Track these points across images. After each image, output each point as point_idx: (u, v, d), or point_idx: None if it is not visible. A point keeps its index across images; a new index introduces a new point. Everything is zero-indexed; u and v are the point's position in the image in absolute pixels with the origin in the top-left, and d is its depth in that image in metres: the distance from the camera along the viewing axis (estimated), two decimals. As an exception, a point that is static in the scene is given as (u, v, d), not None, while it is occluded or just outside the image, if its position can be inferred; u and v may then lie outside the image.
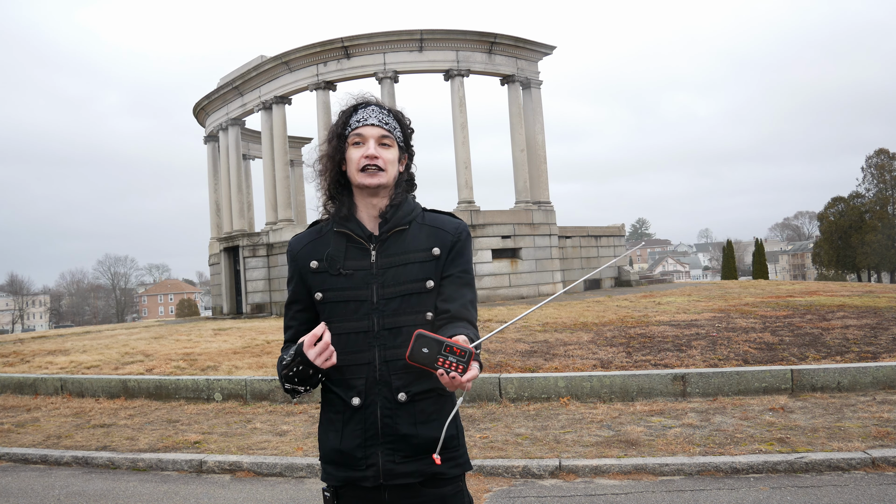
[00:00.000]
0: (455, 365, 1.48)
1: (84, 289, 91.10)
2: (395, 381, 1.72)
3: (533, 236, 19.03)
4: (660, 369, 6.82)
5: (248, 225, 22.12)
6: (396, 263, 1.76)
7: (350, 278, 1.76)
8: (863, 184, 56.16)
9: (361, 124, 1.79)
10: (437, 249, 1.78)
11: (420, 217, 1.84)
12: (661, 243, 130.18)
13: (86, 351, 11.21)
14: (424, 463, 1.71)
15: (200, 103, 23.80)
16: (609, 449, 4.98)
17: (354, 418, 1.73)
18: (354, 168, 1.77)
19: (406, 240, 1.79)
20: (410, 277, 1.75)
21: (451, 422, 1.75)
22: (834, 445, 4.72)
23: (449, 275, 1.78)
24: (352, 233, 1.79)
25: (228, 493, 4.73)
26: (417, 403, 1.73)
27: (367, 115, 1.80)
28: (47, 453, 5.80)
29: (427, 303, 1.76)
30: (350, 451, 1.73)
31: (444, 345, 1.49)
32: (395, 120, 1.83)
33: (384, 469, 1.71)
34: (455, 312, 1.75)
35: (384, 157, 1.77)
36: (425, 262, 1.77)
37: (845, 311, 10.12)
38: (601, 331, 9.22)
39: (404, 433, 1.71)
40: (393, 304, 1.74)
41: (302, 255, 1.83)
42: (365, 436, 1.72)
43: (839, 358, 6.96)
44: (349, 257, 1.78)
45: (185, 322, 20.79)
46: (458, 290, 1.78)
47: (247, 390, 7.46)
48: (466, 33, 18.50)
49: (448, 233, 1.81)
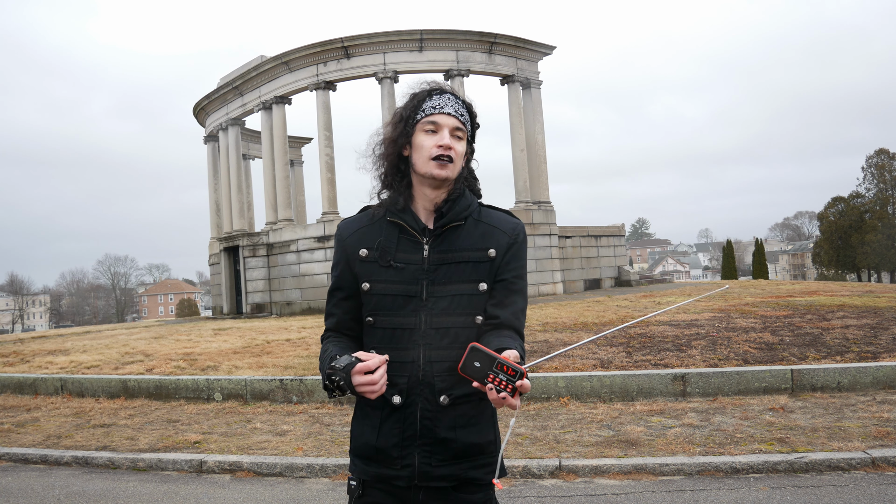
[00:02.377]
0: (505, 384, 1.45)
1: (84, 289, 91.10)
2: (439, 383, 1.66)
3: (533, 236, 19.03)
4: (660, 369, 6.82)
5: (248, 225, 22.12)
6: (449, 261, 1.69)
7: (400, 271, 1.68)
8: (863, 183, 56.19)
9: (437, 111, 1.69)
10: (493, 251, 1.70)
11: (476, 213, 1.76)
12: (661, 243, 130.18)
13: (86, 351, 11.21)
14: (461, 468, 1.67)
15: (200, 103, 23.80)
16: (609, 449, 4.98)
17: (393, 416, 1.67)
18: (425, 156, 1.68)
19: (461, 237, 1.71)
20: (463, 277, 1.68)
21: (491, 428, 1.73)
22: (834, 445, 4.72)
23: (503, 279, 1.71)
24: (406, 224, 1.70)
25: (228, 493, 4.73)
26: (459, 407, 1.67)
27: (443, 102, 1.71)
28: (47, 453, 5.80)
29: (478, 305, 1.68)
30: (386, 450, 1.67)
31: (497, 362, 1.46)
32: (467, 112, 1.75)
33: (420, 471, 1.66)
34: (504, 320, 1.68)
35: (456, 149, 1.69)
36: (479, 263, 1.69)
37: (845, 311, 10.11)
38: (601, 330, 9.21)
39: (443, 437, 1.65)
40: (442, 302, 1.67)
41: (351, 242, 1.75)
42: (403, 435, 1.67)
43: (839, 358, 6.96)
44: (401, 249, 1.70)
45: (185, 322, 20.79)
46: (510, 296, 1.71)
47: (247, 390, 7.46)
48: (466, 33, 18.50)
49: (505, 233, 1.74)
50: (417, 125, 1.70)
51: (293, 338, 11.00)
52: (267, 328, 13.30)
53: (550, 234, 19.62)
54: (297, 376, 7.41)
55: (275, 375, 7.62)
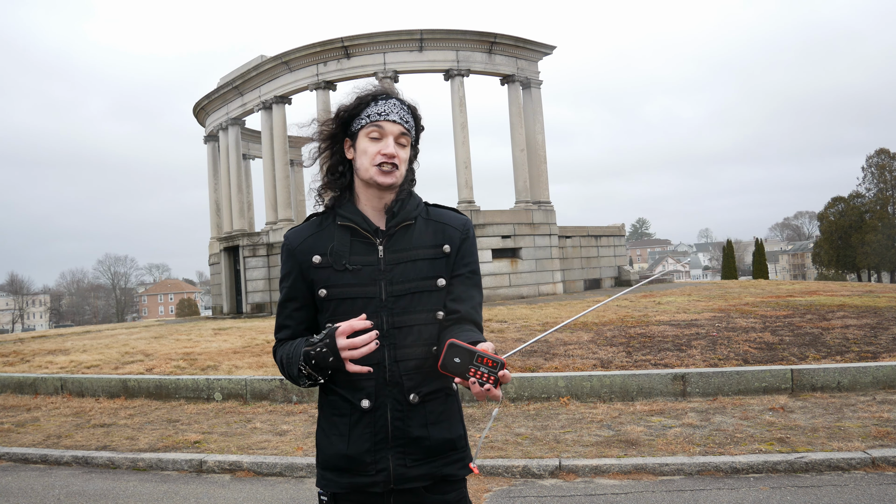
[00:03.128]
0: (487, 376, 1.46)
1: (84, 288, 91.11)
2: (407, 382, 1.66)
3: (533, 236, 19.03)
4: (660, 369, 6.82)
5: (248, 225, 22.12)
6: (405, 259, 1.69)
7: (356, 274, 1.67)
8: (863, 183, 56.16)
9: (383, 118, 1.69)
10: (447, 247, 1.72)
11: (424, 212, 1.77)
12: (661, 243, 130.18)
13: (86, 350, 11.21)
14: (436, 465, 1.67)
15: (200, 103, 23.80)
16: (609, 449, 4.98)
17: (363, 421, 1.66)
18: (368, 162, 1.68)
19: (413, 235, 1.72)
20: (420, 274, 1.69)
21: (460, 423, 1.73)
22: (834, 445, 4.72)
23: (459, 274, 1.74)
24: (357, 226, 1.70)
25: (228, 493, 4.73)
26: (428, 404, 1.68)
27: (388, 108, 1.70)
28: (47, 453, 5.80)
29: (438, 301, 1.70)
30: (358, 457, 1.65)
31: (476, 355, 1.47)
32: (412, 118, 1.76)
33: (395, 473, 1.65)
34: (465, 314, 1.71)
35: (400, 156, 1.69)
36: (435, 260, 1.71)
37: (845, 311, 10.11)
38: (601, 330, 9.21)
39: (416, 435, 1.66)
40: (402, 301, 1.67)
41: (302, 250, 1.73)
42: (374, 439, 1.65)
43: (839, 358, 6.96)
44: (354, 252, 1.69)
45: (185, 322, 20.79)
46: (468, 290, 1.74)
47: (247, 390, 7.46)
48: (466, 33, 18.50)
49: (456, 229, 1.76)
50: (362, 130, 1.70)
51: (293, 338, 10.98)
52: (267, 328, 13.30)
53: (550, 234, 19.62)
54: (297, 376, 7.40)
55: (275, 375, 7.62)
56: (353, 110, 1.72)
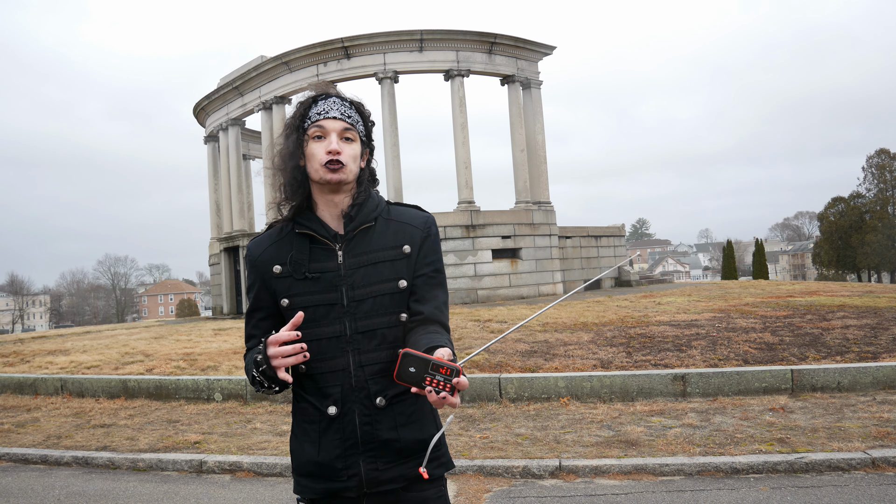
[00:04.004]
0: (443, 384, 1.45)
1: (84, 289, 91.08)
2: (373, 386, 1.65)
3: (533, 236, 19.03)
4: (660, 369, 6.82)
5: (249, 225, 22.12)
6: (365, 263, 1.67)
7: (317, 281, 1.66)
8: (863, 184, 56.15)
9: (323, 117, 1.68)
10: (407, 247, 1.70)
11: (385, 212, 1.75)
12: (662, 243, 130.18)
13: (86, 351, 11.21)
14: (408, 467, 1.66)
15: (200, 103, 23.81)
16: (609, 449, 4.98)
17: (332, 428, 1.66)
18: (317, 163, 1.66)
19: (373, 238, 1.70)
20: (381, 277, 1.67)
21: (432, 422, 1.72)
22: (834, 445, 4.72)
23: (421, 274, 1.71)
24: (315, 233, 1.69)
25: (228, 493, 4.73)
26: (396, 406, 1.66)
27: (327, 107, 1.69)
28: (47, 453, 5.80)
29: (400, 303, 1.68)
30: (329, 463, 1.65)
31: (431, 363, 1.46)
32: (357, 113, 1.73)
33: (367, 478, 1.65)
34: (429, 314, 1.68)
35: (346, 152, 1.67)
36: (396, 261, 1.69)
37: (845, 311, 10.11)
38: (601, 331, 9.21)
39: (386, 438, 1.65)
40: (364, 305, 1.65)
41: (263, 260, 1.72)
42: (344, 445, 1.65)
43: (839, 358, 6.96)
44: (314, 259, 1.68)
45: (186, 322, 20.79)
46: (431, 290, 1.71)
47: (247, 390, 7.46)
48: (466, 33, 18.51)
49: (417, 228, 1.73)
50: (306, 133, 1.69)
51: (293, 338, 10.98)
52: (267, 328, 13.29)
53: (550, 235, 19.62)
54: (297, 376, 7.40)
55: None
56: (299, 119, 1.71)
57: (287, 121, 1.75)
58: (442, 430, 1.63)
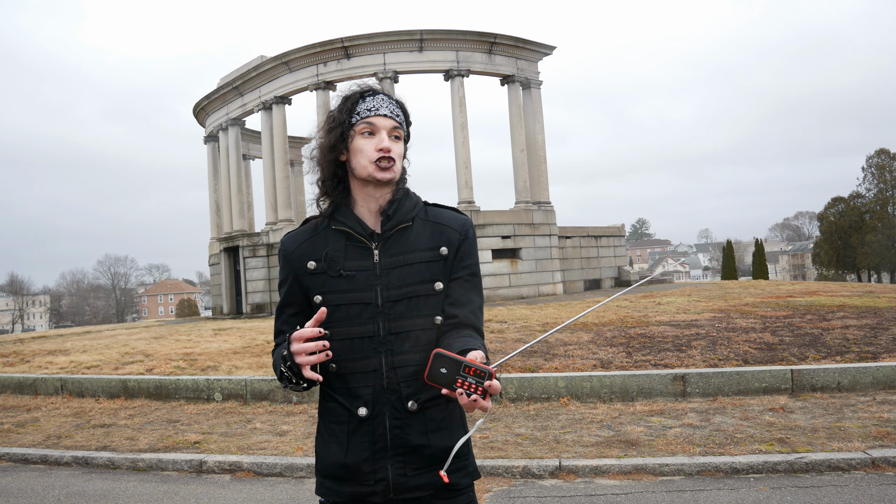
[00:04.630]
0: (474, 386, 1.41)
1: (84, 289, 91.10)
2: (405, 389, 1.61)
3: (533, 236, 19.04)
4: (660, 369, 6.82)
5: (248, 225, 22.12)
6: (401, 263, 1.64)
7: (351, 280, 1.63)
8: (863, 184, 56.15)
9: (373, 113, 1.65)
10: (444, 249, 1.67)
11: (423, 212, 1.72)
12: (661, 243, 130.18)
13: (86, 351, 11.21)
14: (436, 475, 1.61)
15: (200, 103, 23.81)
16: (609, 449, 4.98)
17: (360, 430, 1.62)
18: (366, 160, 1.63)
19: (410, 238, 1.67)
20: (417, 278, 1.64)
21: (462, 430, 1.68)
22: (834, 445, 4.72)
23: (457, 277, 1.68)
24: (352, 230, 1.65)
25: (228, 493, 4.73)
26: (427, 411, 1.63)
27: (377, 104, 1.67)
28: (47, 453, 5.80)
29: (435, 305, 1.65)
30: (357, 466, 1.61)
31: (463, 365, 1.42)
32: (402, 112, 1.72)
33: (395, 483, 1.60)
34: (463, 318, 1.65)
35: (395, 151, 1.65)
36: (432, 263, 1.66)
37: (845, 312, 10.11)
38: (601, 331, 9.21)
39: (416, 444, 1.61)
40: (399, 306, 1.62)
41: (297, 255, 1.69)
42: (373, 448, 1.61)
43: (839, 358, 6.96)
44: (349, 257, 1.65)
45: (185, 322, 20.79)
46: (467, 294, 1.68)
47: (247, 390, 7.46)
48: (466, 33, 18.51)
49: (455, 230, 1.70)
50: (354, 129, 1.66)
51: (293, 338, 10.98)
52: (267, 328, 13.30)
53: (550, 235, 19.62)
54: (297, 376, 7.40)
55: (275, 375, 7.61)
56: (346, 113, 1.68)
57: (331, 114, 1.71)
58: (469, 434, 1.59)
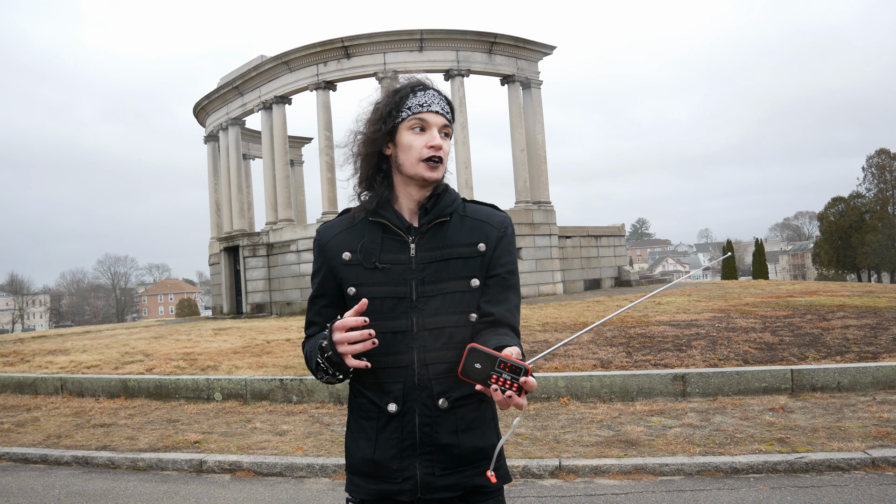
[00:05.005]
0: (509, 382, 1.39)
1: (84, 289, 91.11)
2: (436, 386, 1.58)
3: (533, 236, 19.04)
4: (660, 369, 6.82)
5: (248, 225, 22.12)
6: (438, 258, 1.61)
7: (387, 273, 1.60)
8: (863, 183, 56.15)
9: (425, 109, 1.62)
10: (482, 245, 1.63)
11: (461, 208, 1.69)
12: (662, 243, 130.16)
13: (86, 350, 11.22)
14: (465, 475, 1.59)
15: (200, 103, 23.81)
16: (609, 449, 4.98)
17: (390, 426, 1.59)
18: (415, 157, 1.60)
19: (447, 233, 1.63)
20: (454, 274, 1.61)
21: (493, 431, 1.66)
22: (834, 445, 4.72)
23: (495, 274, 1.64)
24: (389, 223, 1.62)
25: (228, 493, 4.73)
26: (458, 410, 1.59)
27: (429, 99, 1.63)
28: (47, 453, 5.80)
29: (471, 302, 1.61)
30: (384, 462, 1.58)
31: (499, 361, 1.40)
32: (451, 110, 1.70)
33: (422, 482, 1.57)
34: (500, 317, 1.62)
35: (444, 149, 1.63)
36: (470, 259, 1.62)
37: (845, 311, 10.11)
38: (601, 330, 9.21)
39: (445, 443, 1.57)
40: (434, 302, 1.59)
41: (333, 246, 1.65)
42: (401, 445, 1.58)
43: (839, 358, 6.96)
44: (385, 249, 1.61)
45: (185, 322, 20.79)
46: (504, 292, 1.65)
47: (247, 390, 7.46)
48: (466, 33, 18.51)
49: (493, 227, 1.67)
50: (403, 123, 1.62)
51: (293, 338, 11.00)
52: (267, 328, 13.30)
53: (550, 234, 19.62)
54: (297, 376, 7.41)
55: (275, 375, 7.62)
56: (393, 106, 1.64)
57: (377, 105, 1.67)
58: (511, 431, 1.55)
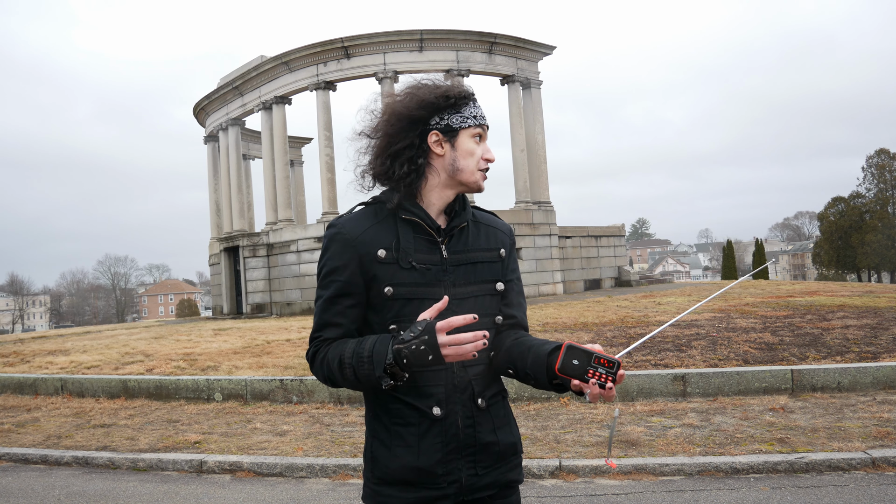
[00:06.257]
0: (605, 376, 1.45)
1: (84, 289, 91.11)
2: (476, 387, 1.61)
3: (533, 236, 19.04)
4: (660, 369, 6.82)
5: (249, 225, 22.12)
6: (465, 261, 1.63)
7: (424, 273, 1.58)
8: (863, 183, 56.18)
9: (483, 122, 1.65)
10: (502, 251, 1.70)
11: (471, 215, 1.73)
12: (661, 243, 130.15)
13: (86, 351, 11.22)
14: (501, 471, 1.63)
15: (200, 103, 23.81)
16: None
17: (433, 430, 1.56)
18: (474, 165, 1.62)
19: (469, 237, 1.66)
20: (481, 278, 1.65)
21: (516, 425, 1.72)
22: (834, 445, 4.72)
23: (509, 279, 1.71)
24: (423, 222, 1.60)
25: (228, 493, 4.73)
26: (492, 408, 1.64)
27: (482, 113, 1.66)
28: (47, 453, 5.80)
29: (496, 305, 1.67)
30: (429, 468, 1.55)
31: (594, 356, 1.46)
32: None
33: (467, 483, 1.58)
34: (520, 320, 1.71)
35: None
36: (493, 263, 1.68)
37: (845, 311, 10.11)
38: (601, 331, 9.21)
39: (486, 441, 1.60)
40: (466, 304, 1.59)
41: (364, 241, 1.57)
42: (445, 449, 1.56)
43: (839, 358, 6.96)
44: (419, 249, 1.59)
45: (186, 322, 20.79)
46: (518, 296, 1.73)
47: (247, 390, 7.46)
48: (466, 33, 18.51)
49: (505, 234, 1.74)
50: (466, 130, 1.62)
51: (293, 338, 11.00)
52: (267, 328, 13.30)
53: (550, 235, 19.62)
54: (297, 376, 7.41)
55: (275, 375, 7.62)
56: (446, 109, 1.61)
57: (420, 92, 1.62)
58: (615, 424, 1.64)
